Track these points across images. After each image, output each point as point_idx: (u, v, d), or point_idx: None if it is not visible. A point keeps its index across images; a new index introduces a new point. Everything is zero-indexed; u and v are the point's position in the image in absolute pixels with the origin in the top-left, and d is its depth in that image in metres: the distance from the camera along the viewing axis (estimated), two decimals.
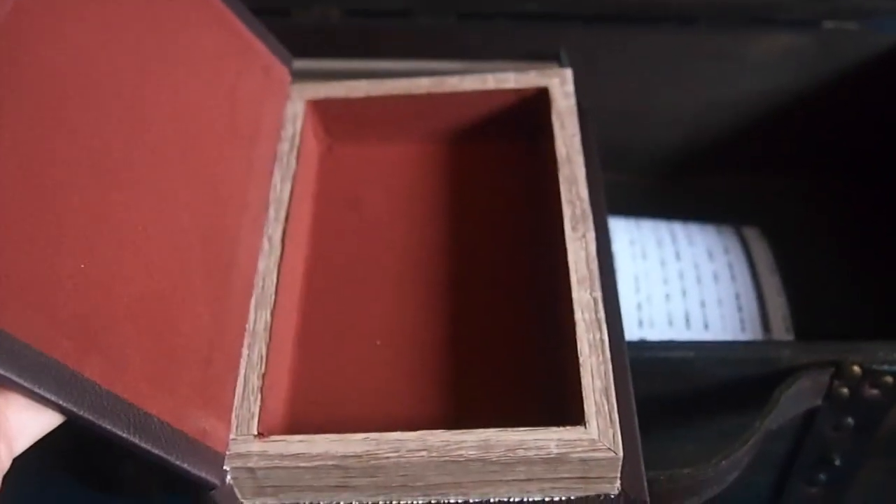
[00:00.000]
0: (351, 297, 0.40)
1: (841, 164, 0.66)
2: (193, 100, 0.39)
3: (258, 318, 0.37)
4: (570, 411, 0.34)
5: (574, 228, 0.37)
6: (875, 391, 0.43)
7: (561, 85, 0.43)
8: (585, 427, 0.32)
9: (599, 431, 0.32)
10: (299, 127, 0.43)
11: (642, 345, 0.48)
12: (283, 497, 0.34)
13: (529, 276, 0.40)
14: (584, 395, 0.33)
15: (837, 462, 0.46)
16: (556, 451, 0.32)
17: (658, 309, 0.54)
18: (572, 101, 0.42)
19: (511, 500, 0.34)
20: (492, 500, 0.34)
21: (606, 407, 0.33)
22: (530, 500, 0.34)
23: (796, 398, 0.42)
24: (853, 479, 0.48)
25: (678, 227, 0.58)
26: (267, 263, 0.38)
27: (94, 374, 0.29)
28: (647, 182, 0.68)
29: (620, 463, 0.32)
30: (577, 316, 0.35)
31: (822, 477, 0.47)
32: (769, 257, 0.56)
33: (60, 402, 0.28)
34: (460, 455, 0.32)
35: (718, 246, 0.57)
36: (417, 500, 0.34)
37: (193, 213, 0.36)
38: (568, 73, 0.43)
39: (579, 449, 0.32)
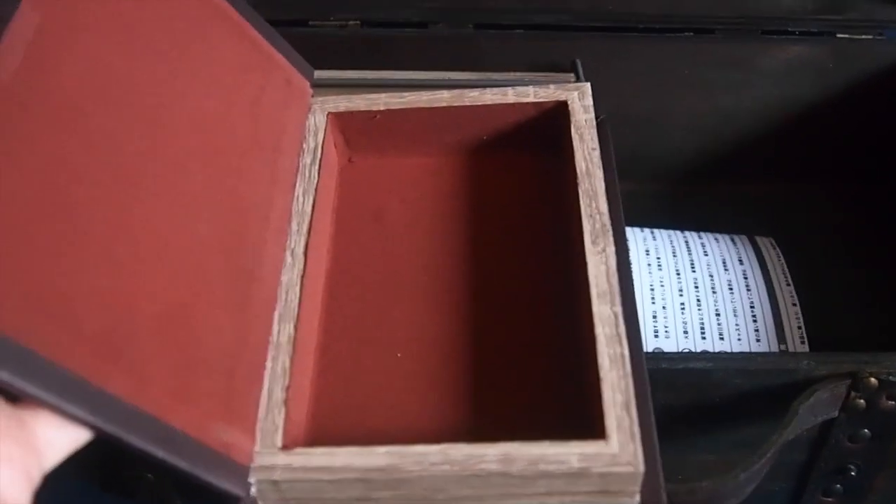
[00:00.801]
0: (372, 309, 0.41)
1: (854, 173, 0.67)
2: (215, 112, 0.39)
3: (282, 331, 0.37)
4: (591, 425, 0.34)
5: (594, 243, 0.38)
6: (891, 402, 0.43)
7: (580, 98, 0.43)
8: (606, 442, 0.33)
9: (620, 446, 0.33)
10: (321, 139, 0.43)
11: (660, 356, 0.48)
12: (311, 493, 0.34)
13: (549, 289, 0.40)
14: (604, 409, 0.33)
15: (854, 472, 0.46)
16: (577, 465, 0.32)
17: (673, 319, 0.54)
18: (591, 114, 0.42)
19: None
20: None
21: (627, 421, 0.33)
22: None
23: (813, 409, 0.42)
24: (869, 488, 0.48)
25: (692, 237, 0.59)
26: (290, 276, 0.39)
27: (119, 389, 0.29)
28: (661, 189, 0.68)
29: (641, 478, 0.33)
30: (598, 330, 0.35)
31: (839, 487, 0.48)
32: (783, 267, 0.56)
33: (87, 418, 0.28)
34: (482, 469, 0.33)
35: (733, 256, 0.57)
36: None
37: (215, 225, 0.37)
38: (587, 87, 0.44)
39: (600, 463, 0.32)
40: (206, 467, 0.31)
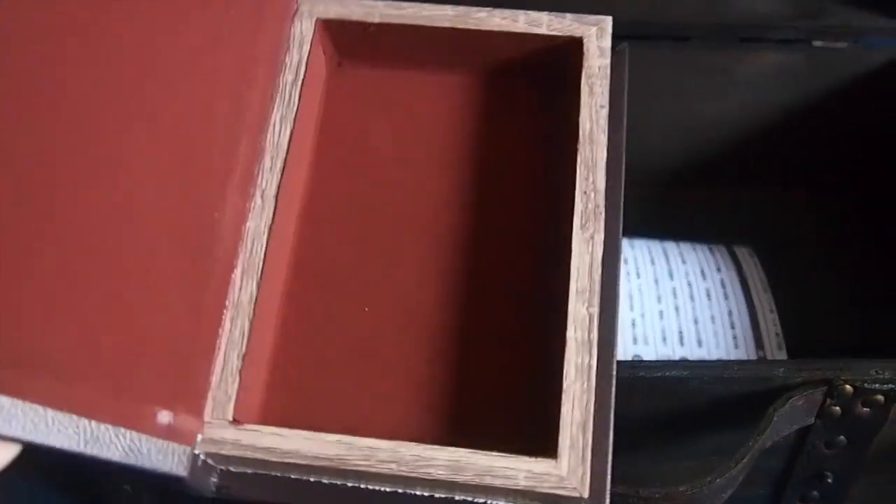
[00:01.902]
0: (345, 257, 0.38)
1: (832, 180, 0.67)
2: (165, 46, 0.33)
3: (244, 288, 0.34)
4: (546, 436, 0.33)
5: (583, 226, 0.35)
6: (866, 409, 0.43)
7: (598, 37, 0.38)
8: (556, 461, 0.32)
9: (569, 469, 0.32)
10: (306, 52, 0.38)
11: (638, 364, 0.48)
12: (256, 467, 0.33)
13: (534, 264, 0.37)
14: (561, 426, 0.32)
15: (830, 479, 0.46)
16: (523, 483, 0.32)
17: (652, 326, 0.54)
18: (608, 59, 0.38)
19: (475, 499, 0.33)
20: (457, 498, 0.33)
21: (581, 442, 0.32)
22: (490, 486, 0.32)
23: (790, 416, 0.43)
24: (846, 495, 0.48)
25: (671, 246, 0.59)
26: (257, 223, 0.35)
27: (40, 396, 0.27)
28: (640, 196, 0.68)
29: (585, 502, 0.32)
30: (569, 333, 0.33)
31: (816, 493, 0.48)
32: (761, 275, 0.57)
33: (3, 433, 0.27)
34: (429, 473, 0.32)
35: (711, 264, 0.57)
36: (385, 487, 0.33)
37: (165, 187, 0.32)
38: (608, 22, 0.39)
39: (546, 485, 0.32)
40: (142, 457, 0.30)
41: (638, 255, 0.58)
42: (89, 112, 0.30)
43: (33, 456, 0.29)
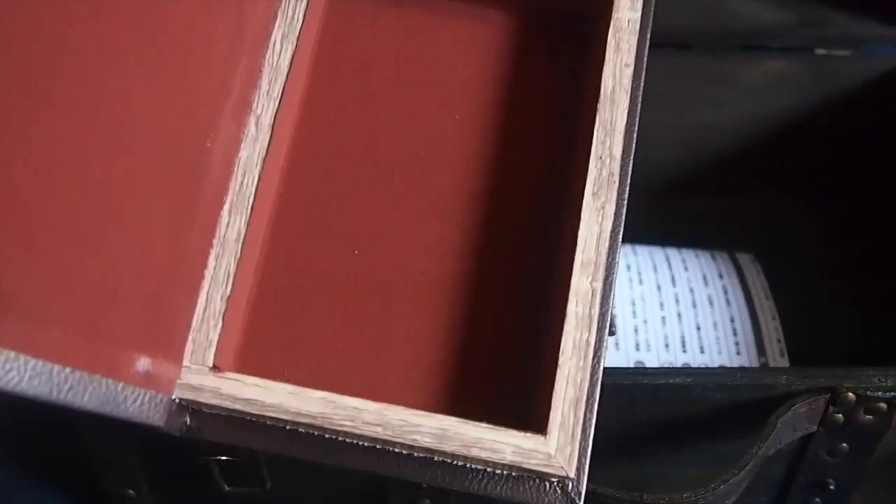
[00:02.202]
0: (337, 194, 0.35)
1: (833, 188, 0.67)
2: None
3: (231, 224, 0.32)
4: (536, 411, 0.32)
5: (595, 194, 0.33)
6: (869, 417, 0.43)
7: None
8: (546, 437, 0.31)
9: (558, 447, 0.31)
10: None
11: (641, 371, 0.48)
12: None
13: (540, 227, 0.35)
14: (553, 402, 0.31)
15: (832, 486, 0.47)
16: (510, 458, 0.31)
17: (655, 332, 0.54)
18: (638, 13, 0.35)
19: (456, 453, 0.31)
20: (435, 458, 0.32)
21: (572, 420, 0.31)
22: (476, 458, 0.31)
23: (792, 424, 0.43)
24: (848, 501, 0.48)
25: (673, 253, 0.59)
26: (250, 153, 0.33)
27: (9, 341, 0.25)
28: (641, 204, 0.68)
29: (569, 481, 0.31)
30: (570, 307, 0.32)
31: (818, 500, 0.48)
32: (763, 282, 0.57)
33: None
34: (415, 440, 0.30)
35: (713, 271, 0.57)
36: (364, 442, 0.31)
37: (155, 114, 0.30)
38: None
39: (533, 461, 0.31)
40: (118, 405, 0.28)
41: (640, 261, 0.58)
42: (74, 26, 0.27)
43: (34, 453, 0.27)
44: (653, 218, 0.68)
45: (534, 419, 0.31)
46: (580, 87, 0.35)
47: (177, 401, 0.31)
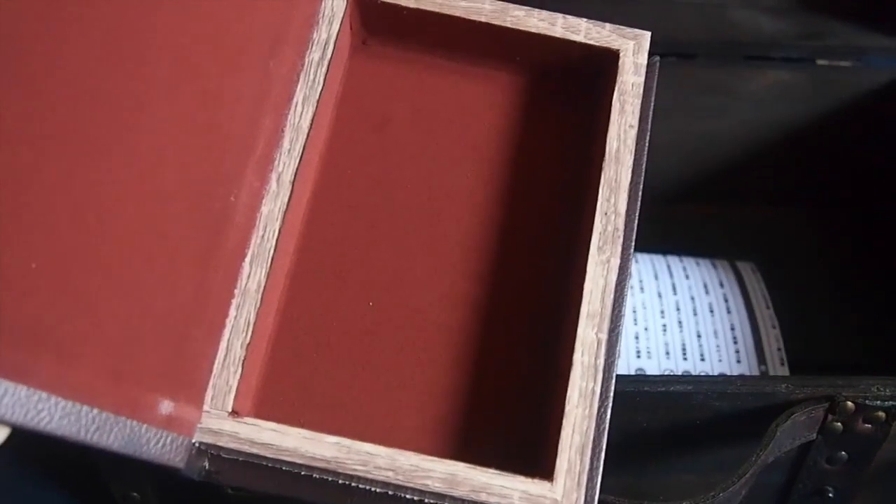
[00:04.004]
0: (353, 246, 0.36)
1: (834, 197, 0.68)
2: (196, 17, 0.31)
3: (252, 276, 0.33)
4: (544, 457, 0.33)
5: (600, 249, 0.34)
6: (868, 426, 0.43)
7: (634, 52, 0.37)
8: (552, 484, 0.32)
9: (564, 493, 0.32)
10: (335, 31, 0.37)
11: (642, 379, 0.49)
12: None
13: (547, 280, 0.36)
14: (559, 449, 0.32)
15: (831, 494, 0.47)
16: (517, 503, 0.32)
17: (655, 340, 0.55)
18: (642, 77, 0.37)
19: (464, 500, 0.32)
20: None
21: (578, 467, 0.32)
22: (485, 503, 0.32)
23: (792, 432, 0.43)
24: None
25: (674, 261, 0.59)
26: (271, 207, 0.34)
27: (43, 380, 0.26)
28: (643, 211, 0.68)
29: None
30: (576, 357, 0.33)
31: None
32: (763, 290, 0.57)
33: (3, 418, 0.25)
34: (425, 485, 0.31)
35: (714, 279, 0.58)
36: (377, 488, 0.32)
37: (183, 166, 0.31)
38: (646, 38, 0.38)
39: None
40: (141, 447, 0.29)
41: (642, 269, 0.58)
42: (114, 78, 0.29)
43: (37, 453, 0.28)
44: (654, 226, 0.68)
45: (541, 466, 0.32)
46: (587, 145, 0.37)
47: (197, 444, 0.32)
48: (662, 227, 0.67)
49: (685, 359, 0.54)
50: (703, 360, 0.54)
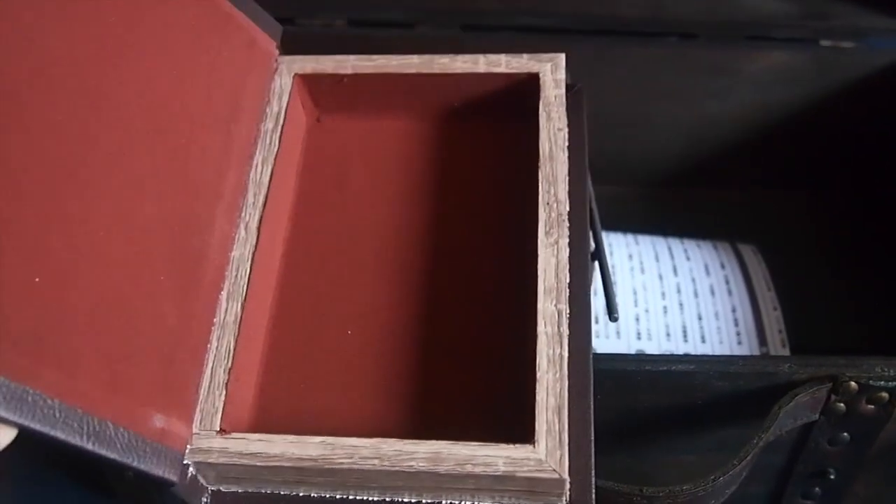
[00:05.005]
0: (328, 284, 0.40)
1: (836, 179, 0.67)
2: (165, 85, 0.37)
3: (229, 310, 0.37)
4: (523, 426, 0.34)
5: (547, 233, 0.37)
6: (871, 407, 0.43)
7: (552, 72, 0.41)
8: (534, 446, 0.33)
9: (547, 452, 0.33)
10: (285, 103, 0.42)
11: (644, 358, 0.48)
12: (246, 485, 0.35)
13: (503, 276, 0.39)
14: (536, 412, 0.33)
15: (832, 475, 0.47)
16: (503, 468, 0.33)
17: (656, 321, 0.54)
18: (562, 89, 0.41)
19: (462, 503, 0.34)
20: (444, 503, 0.34)
21: (557, 426, 0.33)
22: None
23: (794, 412, 0.43)
24: (848, 492, 0.48)
25: (675, 243, 0.59)
26: (241, 252, 0.38)
27: (46, 386, 0.29)
28: (644, 194, 0.69)
29: (566, 483, 0.33)
30: (539, 328, 0.35)
31: (818, 490, 0.48)
32: (764, 272, 0.57)
33: (8, 417, 0.28)
34: (411, 466, 0.33)
35: (715, 261, 0.57)
36: (373, 496, 0.35)
37: (161, 207, 0.35)
38: (560, 59, 0.42)
39: (525, 468, 0.33)
40: (138, 457, 0.31)
41: (642, 250, 0.58)
42: (97, 125, 0.33)
43: (41, 448, 0.29)
44: (655, 208, 0.68)
45: (522, 434, 0.34)
46: (525, 153, 0.41)
47: (190, 465, 0.34)
48: (663, 209, 0.67)
49: (686, 340, 0.54)
50: (703, 341, 0.54)
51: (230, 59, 0.40)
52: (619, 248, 0.58)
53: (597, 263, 0.43)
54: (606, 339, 0.53)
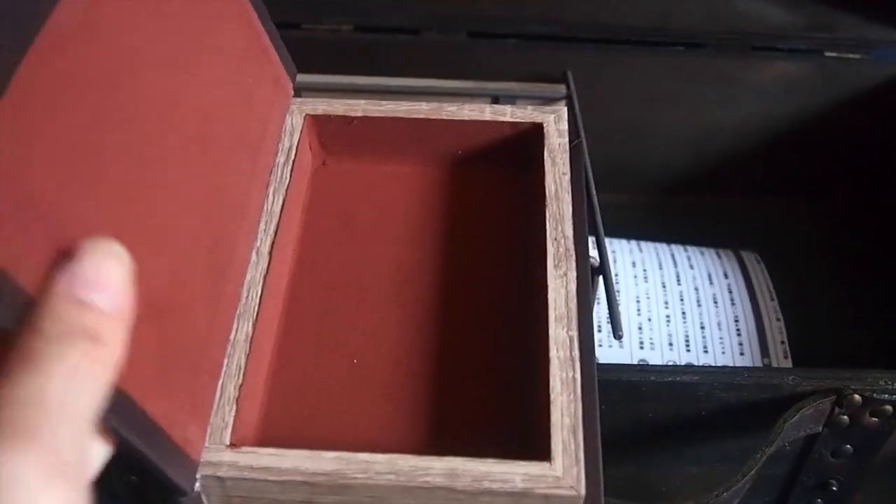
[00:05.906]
0: (333, 313, 0.41)
1: (840, 189, 0.68)
2: (215, 102, 0.38)
3: (240, 328, 0.37)
4: (537, 446, 0.34)
5: (556, 266, 0.38)
6: (874, 419, 0.43)
7: (556, 122, 0.43)
8: (551, 464, 0.33)
9: (564, 469, 0.33)
10: (296, 140, 0.43)
11: (647, 369, 0.48)
12: (255, 491, 0.34)
13: (511, 307, 0.40)
14: (552, 431, 0.34)
15: (835, 487, 0.47)
16: (520, 485, 0.33)
17: (659, 330, 0.54)
18: (565, 138, 0.43)
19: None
20: None
21: (573, 445, 0.34)
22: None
23: (797, 424, 0.43)
24: (850, 503, 0.48)
25: (678, 250, 0.59)
26: (253, 274, 0.39)
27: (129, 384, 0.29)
28: (648, 201, 0.69)
29: (582, 500, 0.33)
30: (552, 353, 0.36)
31: (820, 501, 0.48)
32: (767, 282, 0.57)
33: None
34: (427, 481, 0.33)
35: (718, 270, 0.58)
36: None
37: (204, 217, 0.36)
38: (563, 111, 0.44)
39: (543, 485, 0.33)
40: (164, 458, 0.31)
41: (646, 258, 0.58)
42: (156, 138, 0.34)
43: None
44: (658, 215, 0.68)
45: (537, 451, 0.34)
46: (532, 196, 0.43)
47: (197, 478, 0.34)
48: (666, 217, 0.67)
49: (688, 350, 0.54)
50: (706, 351, 0.54)
51: (261, 90, 0.42)
52: (623, 254, 0.58)
53: (601, 278, 0.44)
54: (609, 349, 0.53)
